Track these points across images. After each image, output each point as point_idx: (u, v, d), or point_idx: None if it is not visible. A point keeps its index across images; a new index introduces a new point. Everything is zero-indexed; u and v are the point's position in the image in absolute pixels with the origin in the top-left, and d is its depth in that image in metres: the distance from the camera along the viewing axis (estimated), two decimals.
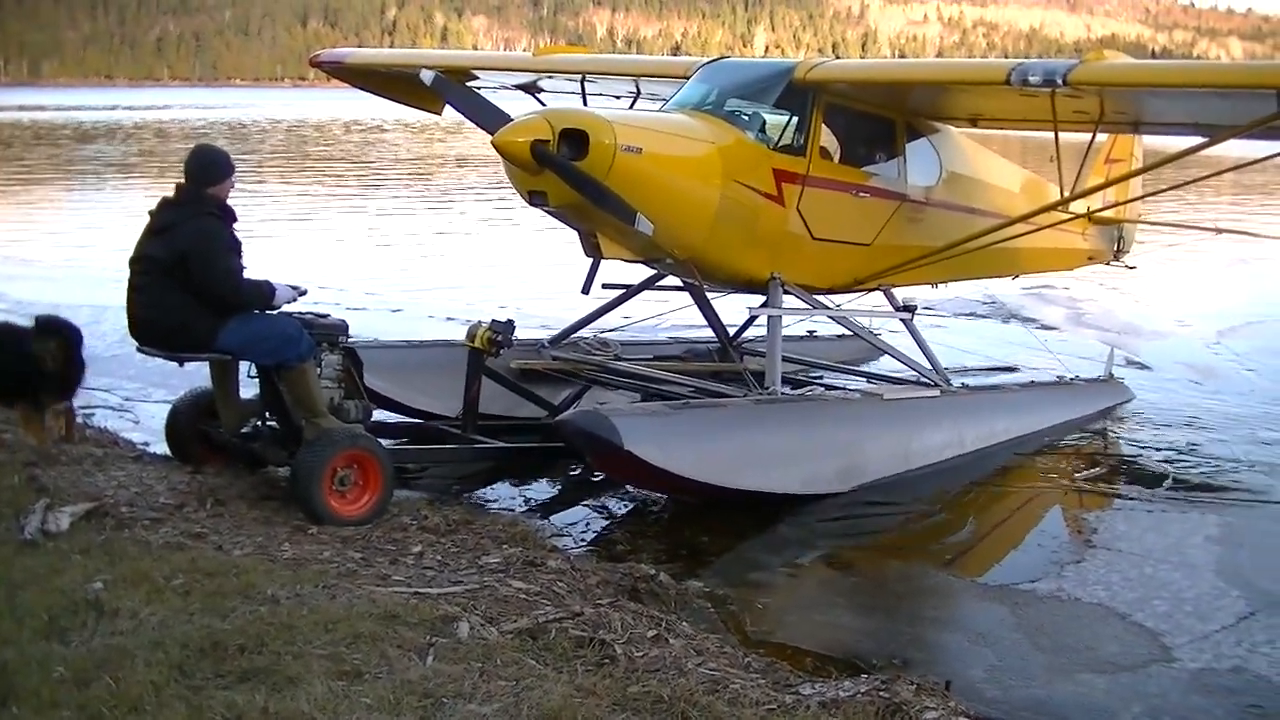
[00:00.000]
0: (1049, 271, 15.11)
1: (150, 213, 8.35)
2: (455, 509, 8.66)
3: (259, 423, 8.73)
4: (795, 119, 10.62)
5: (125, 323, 8.46)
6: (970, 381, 12.42)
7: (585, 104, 12.92)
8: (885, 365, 12.92)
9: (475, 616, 6.19)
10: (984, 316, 18.48)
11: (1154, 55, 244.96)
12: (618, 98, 13.76)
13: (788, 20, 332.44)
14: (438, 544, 7.62)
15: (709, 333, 12.58)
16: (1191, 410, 13.02)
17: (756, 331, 12.24)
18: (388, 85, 14.42)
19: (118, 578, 6.22)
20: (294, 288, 8.43)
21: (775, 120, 10.66)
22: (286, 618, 5.79)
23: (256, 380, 8.54)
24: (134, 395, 12.38)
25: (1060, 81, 9.49)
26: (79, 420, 9.79)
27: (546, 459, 10.22)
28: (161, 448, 9.41)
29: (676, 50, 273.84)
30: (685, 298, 11.94)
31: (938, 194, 11.82)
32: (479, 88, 13.56)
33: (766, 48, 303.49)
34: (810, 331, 13.86)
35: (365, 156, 54.11)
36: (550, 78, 13.38)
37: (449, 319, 16.59)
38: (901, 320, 11.81)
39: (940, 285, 13.20)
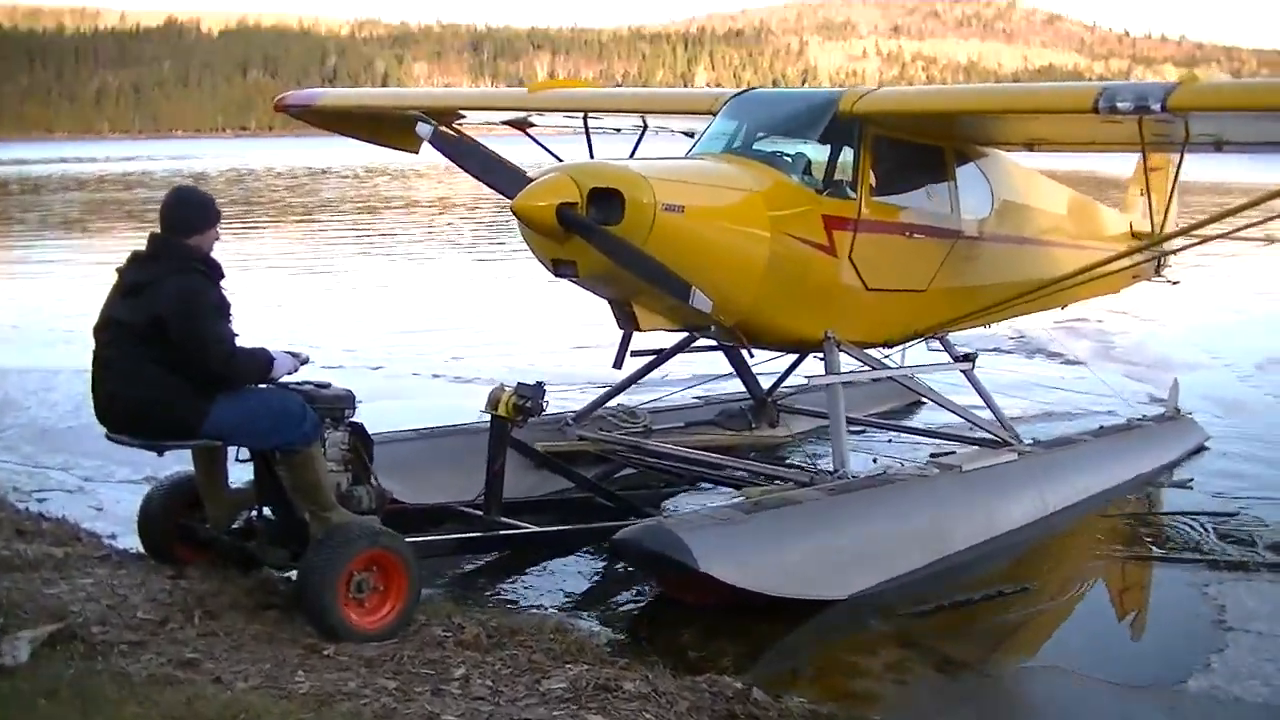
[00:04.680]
0: (1097, 296, 13.98)
1: (118, 270, 6.92)
2: (491, 613, 7.30)
3: (253, 514, 7.35)
4: (842, 156, 9.47)
5: (81, 389, 7.31)
6: (1039, 435, 11.21)
7: (590, 144, 11.76)
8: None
9: None
10: (1008, 352, 17.35)
11: None
12: (618, 130, 12.70)
13: (727, 59, 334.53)
14: (483, 664, 6.28)
15: (736, 384, 11.51)
16: (1251, 454, 11.99)
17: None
18: (358, 126, 13.50)
19: None
20: (294, 355, 7.06)
21: (820, 159, 9.52)
22: None
23: (247, 464, 7.15)
24: (94, 475, 10.94)
25: (1158, 107, 8.34)
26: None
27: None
28: (131, 540, 7.97)
29: None
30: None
31: (990, 226, 10.68)
32: (464, 125, 12.45)
33: (707, 84, 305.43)
34: None
35: (334, 202, 52.93)
36: (541, 115, 12.37)
37: (435, 376, 15.35)
38: (961, 371, 10.66)
39: (992, 326, 12.07)
